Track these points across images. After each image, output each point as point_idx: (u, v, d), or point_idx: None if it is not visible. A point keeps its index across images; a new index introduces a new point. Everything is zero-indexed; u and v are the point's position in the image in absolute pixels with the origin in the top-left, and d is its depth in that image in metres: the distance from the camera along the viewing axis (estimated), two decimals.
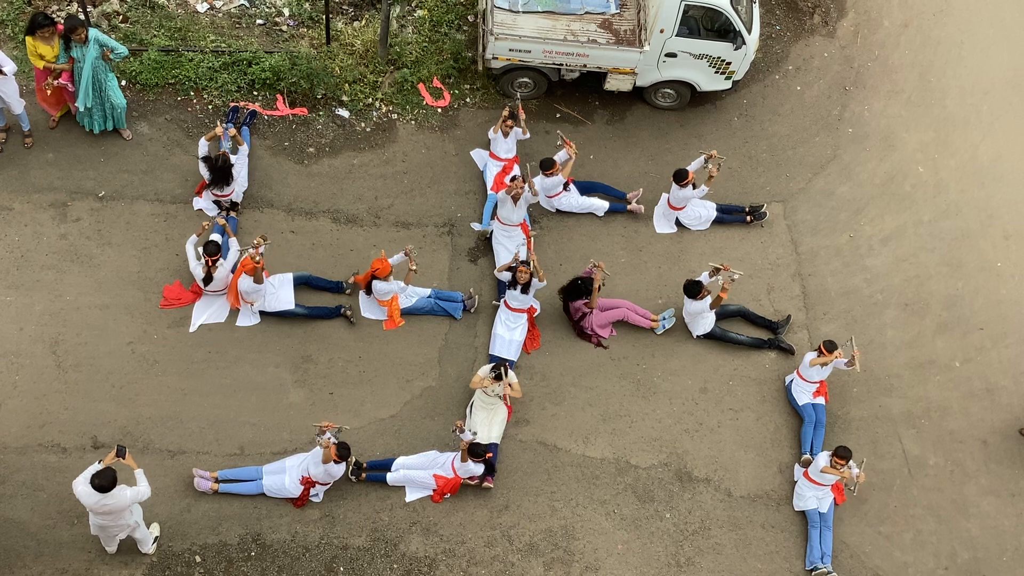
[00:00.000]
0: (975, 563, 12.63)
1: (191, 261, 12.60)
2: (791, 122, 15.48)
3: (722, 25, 14.04)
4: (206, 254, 12.42)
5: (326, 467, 11.35)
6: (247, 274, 12.36)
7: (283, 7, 15.21)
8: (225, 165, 12.95)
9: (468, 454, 11.65)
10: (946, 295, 14.26)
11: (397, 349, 13.06)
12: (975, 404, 13.57)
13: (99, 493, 10.14)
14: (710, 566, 12.23)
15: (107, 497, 10.18)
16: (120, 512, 10.47)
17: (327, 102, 14.60)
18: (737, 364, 13.52)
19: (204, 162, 12.99)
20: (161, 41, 14.35)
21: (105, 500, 10.20)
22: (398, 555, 11.87)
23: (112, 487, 10.14)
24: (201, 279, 12.57)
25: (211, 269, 12.47)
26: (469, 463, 11.72)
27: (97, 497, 10.17)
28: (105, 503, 10.23)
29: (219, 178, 13.02)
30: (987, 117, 15.78)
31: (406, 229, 13.86)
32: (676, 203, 14.11)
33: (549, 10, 14.25)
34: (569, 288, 13.22)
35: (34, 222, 13.15)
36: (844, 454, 12.07)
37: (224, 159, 12.93)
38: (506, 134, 14.01)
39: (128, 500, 10.35)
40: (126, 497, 10.31)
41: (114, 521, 10.61)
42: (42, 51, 12.71)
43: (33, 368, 12.28)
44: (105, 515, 10.47)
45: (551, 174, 13.73)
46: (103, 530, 10.81)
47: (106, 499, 10.19)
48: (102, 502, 10.22)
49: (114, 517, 10.53)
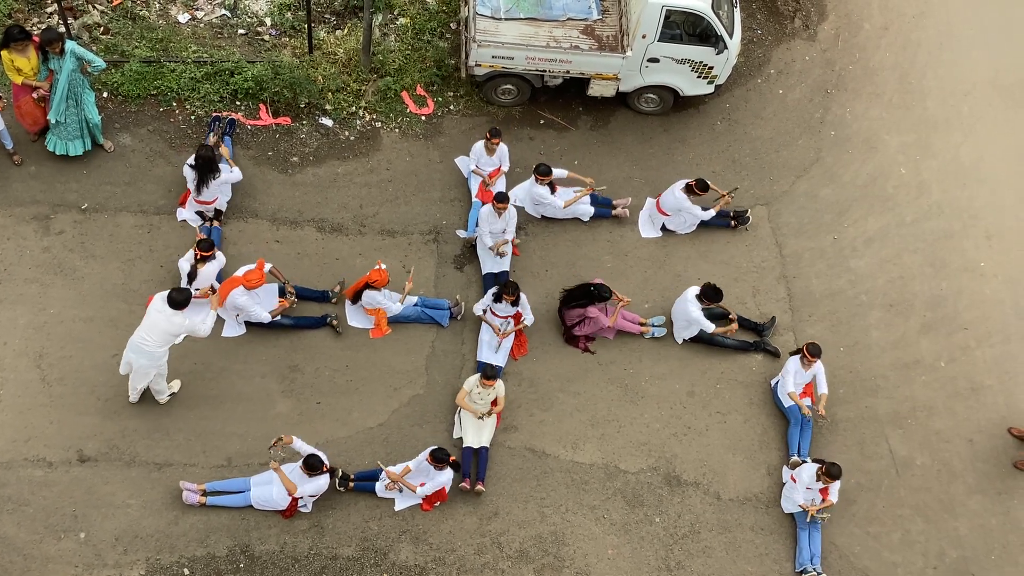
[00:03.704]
0: (963, 562, 12.69)
1: (182, 262, 12.52)
2: (774, 125, 15.55)
3: (704, 30, 14.09)
4: (199, 248, 12.31)
5: (304, 483, 11.37)
6: (246, 288, 12.29)
7: (265, 17, 15.19)
8: (210, 156, 12.82)
9: (432, 459, 11.57)
10: (930, 296, 14.34)
11: (384, 357, 13.04)
12: (960, 403, 13.64)
13: (171, 308, 11.00)
14: (700, 569, 12.25)
15: (176, 315, 11.04)
16: (166, 335, 11.21)
17: (310, 111, 14.58)
18: (724, 367, 13.56)
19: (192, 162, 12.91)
20: (143, 52, 14.30)
21: (173, 317, 11.05)
22: (388, 564, 11.84)
23: (184, 307, 11.04)
24: (186, 274, 12.45)
25: (198, 265, 12.36)
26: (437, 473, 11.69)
27: (168, 312, 11.02)
28: (173, 320, 11.06)
29: (205, 169, 12.84)
30: (968, 118, 15.89)
31: (391, 237, 13.85)
32: (668, 209, 14.09)
33: (531, 17, 14.28)
34: (575, 292, 13.12)
35: (17, 235, 13.07)
36: (835, 473, 12.04)
37: (208, 151, 12.84)
38: (491, 153, 13.97)
39: (184, 328, 11.18)
40: (183, 325, 11.14)
41: (154, 348, 11.28)
42: (19, 64, 12.62)
43: (17, 382, 12.20)
44: (148, 338, 11.19)
45: (544, 181, 13.69)
46: (134, 370, 11.52)
47: (175, 316, 11.04)
48: (171, 319, 11.05)
49: (156, 343, 11.23)
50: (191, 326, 11.27)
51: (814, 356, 12.73)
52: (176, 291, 11.10)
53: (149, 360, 11.44)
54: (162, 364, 11.62)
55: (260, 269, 12.35)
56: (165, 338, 11.32)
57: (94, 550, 11.47)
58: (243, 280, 12.26)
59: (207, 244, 12.37)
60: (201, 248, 12.31)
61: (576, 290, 13.14)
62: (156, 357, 11.45)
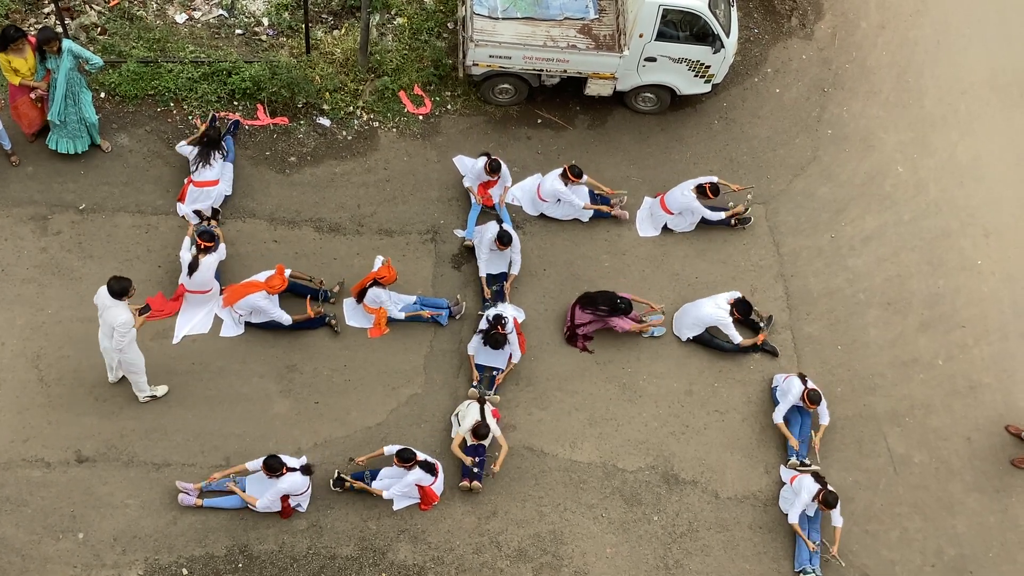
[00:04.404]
0: (961, 560, 12.70)
1: (183, 252, 12.54)
2: (771, 124, 15.57)
3: (700, 29, 14.10)
4: (201, 239, 12.31)
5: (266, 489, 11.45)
6: (269, 292, 12.37)
7: (262, 17, 15.19)
8: (216, 134, 13.04)
9: (398, 460, 11.55)
10: (928, 294, 14.35)
11: (382, 357, 13.04)
12: (958, 401, 13.65)
13: (110, 297, 10.95)
14: (698, 568, 12.25)
15: (113, 306, 11.01)
16: (106, 326, 11.18)
17: (308, 111, 14.58)
18: (722, 366, 13.56)
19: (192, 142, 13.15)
20: (140, 52, 14.29)
21: (111, 308, 11.01)
22: (386, 564, 11.84)
23: (120, 296, 10.94)
24: (187, 265, 12.43)
25: (200, 256, 12.36)
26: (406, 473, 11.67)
27: (108, 301, 10.99)
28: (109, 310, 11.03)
29: (209, 146, 13.04)
30: (965, 116, 15.91)
31: (389, 237, 13.85)
32: (674, 208, 14.07)
33: (528, 16, 14.29)
34: (598, 299, 13.05)
35: (14, 236, 13.07)
36: (831, 502, 11.96)
37: (218, 130, 13.03)
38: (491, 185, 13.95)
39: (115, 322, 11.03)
40: (115, 318, 11.02)
41: (102, 337, 11.38)
42: (16, 65, 12.61)
43: (15, 382, 12.19)
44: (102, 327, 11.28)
45: (576, 183, 13.71)
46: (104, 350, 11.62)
47: (112, 307, 11.01)
48: (109, 309, 11.02)
49: (104, 333, 11.30)
50: (112, 319, 11.07)
51: (814, 403, 12.63)
52: (115, 279, 10.98)
53: (108, 344, 11.47)
54: (126, 355, 11.45)
55: (281, 274, 12.46)
56: (107, 329, 11.24)
57: (92, 550, 11.47)
58: (265, 286, 12.36)
59: (209, 235, 12.39)
60: (203, 239, 12.33)
61: (600, 297, 13.07)
62: (112, 347, 11.41)
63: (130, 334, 11.17)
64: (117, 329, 11.06)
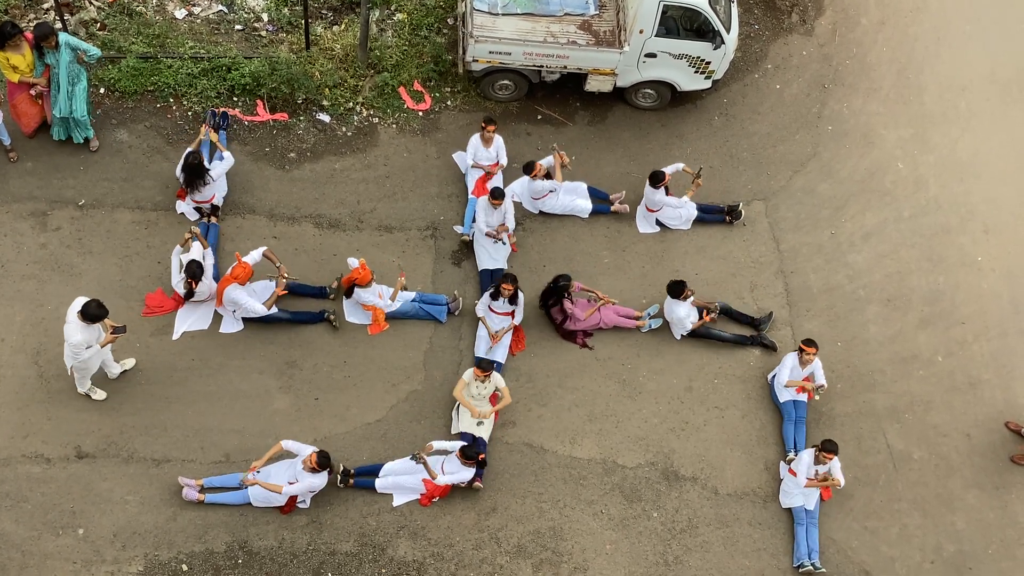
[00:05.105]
0: (961, 556, 12.71)
1: (174, 274, 12.54)
2: (771, 120, 15.56)
3: (701, 25, 14.09)
4: (187, 276, 12.27)
5: (309, 479, 11.35)
6: (239, 283, 12.28)
7: (262, 12, 15.17)
8: (196, 163, 12.80)
9: (461, 456, 11.64)
10: (927, 290, 14.35)
11: (382, 353, 13.04)
12: (958, 398, 13.65)
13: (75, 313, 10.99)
14: (698, 564, 12.26)
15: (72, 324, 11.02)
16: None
17: (308, 107, 14.57)
18: (722, 362, 13.57)
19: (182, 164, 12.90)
20: (139, 48, 14.28)
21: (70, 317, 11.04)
22: (386, 560, 11.85)
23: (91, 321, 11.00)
24: (183, 294, 12.51)
25: (192, 287, 12.38)
26: (462, 468, 11.73)
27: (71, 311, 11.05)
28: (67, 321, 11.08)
29: (193, 176, 12.84)
30: (965, 113, 15.90)
31: (389, 233, 13.84)
32: (652, 206, 14.14)
33: (528, 12, 14.27)
34: (545, 291, 13.20)
35: (14, 232, 13.06)
36: (831, 448, 12.14)
37: (196, 158, 12.82)
38: (488, 144, 13.97)
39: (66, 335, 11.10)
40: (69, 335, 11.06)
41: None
42: (15, 62, 12.60)
43: (15, 378, 12.19)
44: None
45: (535, 176, 13.73)
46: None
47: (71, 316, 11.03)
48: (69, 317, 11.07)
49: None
50: (67, 335, 11.11)
51: (810, 347, 12.74)
52: (95, 304, 11.01)
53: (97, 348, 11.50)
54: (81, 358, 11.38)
55: (240, 263, 12.27)
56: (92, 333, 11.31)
57: (92, 546, 11.47)
58: (231, 278, 12.29)
59: (196, 268, 12.19)
60: (190, 275, 12.20)
61: (546, 289, 13.22)
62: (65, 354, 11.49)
63: (81, 355, 11.22)
64: (68, 347, 11.16)
